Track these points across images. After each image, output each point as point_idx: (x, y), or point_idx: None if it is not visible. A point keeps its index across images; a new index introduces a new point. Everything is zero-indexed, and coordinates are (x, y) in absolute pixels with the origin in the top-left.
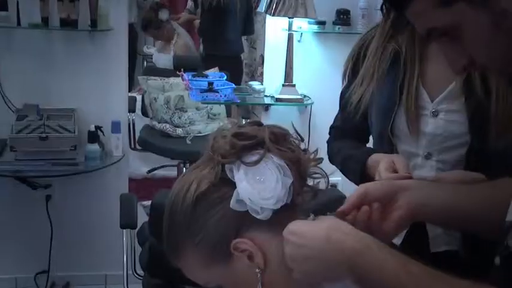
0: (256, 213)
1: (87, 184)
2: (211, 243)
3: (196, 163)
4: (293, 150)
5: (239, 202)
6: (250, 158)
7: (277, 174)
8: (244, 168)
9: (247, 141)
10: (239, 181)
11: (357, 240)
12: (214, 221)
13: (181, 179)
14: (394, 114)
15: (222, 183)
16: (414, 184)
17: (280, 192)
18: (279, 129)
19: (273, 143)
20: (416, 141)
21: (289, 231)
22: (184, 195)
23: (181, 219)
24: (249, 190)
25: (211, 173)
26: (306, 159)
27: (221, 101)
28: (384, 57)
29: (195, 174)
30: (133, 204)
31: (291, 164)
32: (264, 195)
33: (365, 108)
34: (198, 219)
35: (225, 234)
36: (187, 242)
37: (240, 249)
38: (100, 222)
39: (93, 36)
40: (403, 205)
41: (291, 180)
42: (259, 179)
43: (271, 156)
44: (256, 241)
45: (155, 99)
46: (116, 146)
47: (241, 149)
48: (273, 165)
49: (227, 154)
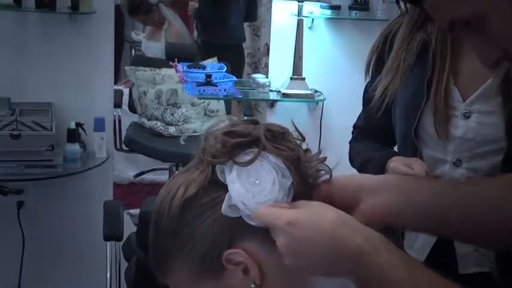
0: (251, 219)
1: (66, 189)
2: (200, 255)
3: (185, 167)
4: (292, 148)
5: (231, 207)
6: (243, 157)
7: (274, 175)
8: (236, 168)
9: (240, 138)
10: (231, 183)
11: (365, 239)
12: (204, 230)
13: (168, 184)
14: (420, 114)
15: (212, 186)
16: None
17: (278, 195)
18: (276, 127)
19: (269, 141)
20: (445, 146)
21: (287, 221)
22: (170, 202)
23: (167, 228)
24: (243, 193)
25: (201, 176)
26: (307, 159)
27: (220, 96)
28: (411, 48)
29: (183, 178)
30: (118, 212)
31: (289, 163)
32: (260, 198)
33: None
34: (185, 228)
35: (216, 245)
36: (174, 254)
37: (233, 261)
38: (80, 234)
39: (73, 20)
40: (365, 209)
41: (289, 181)
42: (254, 180)
43: (267, 155)
44: (251, 252)
45: (144, 93)
46: (99, 146)
47: (233, 148)
48: (269, 165)
49: (218, 154)
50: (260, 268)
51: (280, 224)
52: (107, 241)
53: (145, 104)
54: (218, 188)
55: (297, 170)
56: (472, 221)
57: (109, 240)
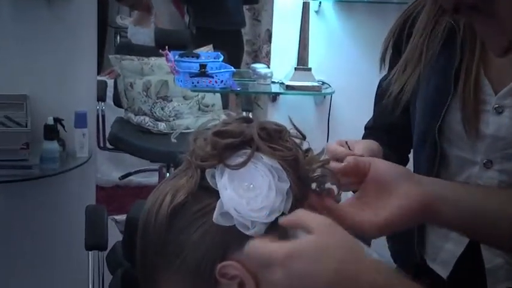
0: (245, 228)
1: (43, 193)
2: (191, 269)
3: (174, 172)
4: (289, 148)
5: (224, 215)
6: (235, 159)
7: (269, 178)
8: (228, 172)
9: (231, 139)
10: (223, 189)
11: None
12: (194, 241)
13: (155, 192)
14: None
15: (202, 192)
16: (426, 179)
17: (275, 200)
18: (271, 125)
19: (264, 141)
20: (474, 146)
21: (287, 253)
22: (157, 210)
23: (155, 239)
24: (235, 199)
25: (190, 182)
26: (307, 160)
27: (216, 89)
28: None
29: (171, 184)
30: (102, 218)
31: (286, 165)
32: (254, 205)
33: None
34: (174, 239)
35: (208, 257)
36: (163, 267)
37: (227, 275)
38: (58, 243)
39: (52, 3)
40: (406, 192)
41: (287, 185)
42: (248, 185)
43: (261, 156)
44: (247, 264)
45: (131, 85)
46: (80, 144)
47: (224, 149)
48: (263, 168)
49: (207, 156)
50: (256, 282)
51: (278, 256)
52: (89, 251)
53: (132, 97)
54: (209, 194)
55: (296, 172)
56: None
57: (91, 250)
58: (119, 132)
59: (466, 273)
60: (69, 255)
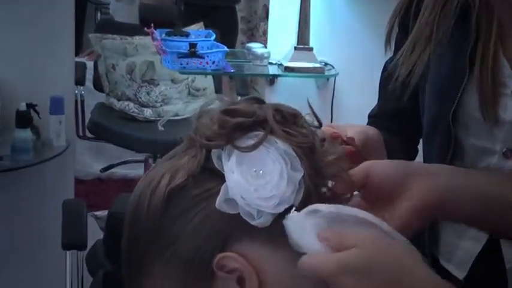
0: (251, 217)
1: (15, 186)
2: (186, 259)
3: (170, 152)
4: (306, 134)
5: (228, 201)
6: (245, 141)
7: (281, 165)
8: (237, 155)
9: (242, 118)
10: (229, 172)
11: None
12: (193, 228)
13: (148, 174)
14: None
15: (205, 175)
16: (433, 168)
17: (285, 190)
18: (287, 108)
19: (279, 124)
20: (492, 133)
21: (336, 266)
22: (152, 192)
23: (147, 226)
24: (243, 185)
25: (192, 162)
26: (324, 150)
27: (207, 71)
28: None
29: (169, 165)
30: (81, 214)
31: (301, 153)
32: (263, 193)
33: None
34: (169, 225)
35: (206, 247)
36: (155, 258)
37: (226, 268)
38: (33, 241)
39: None
40: (417, 194)
41: (300, 174)
42: (257, 170)
43: (275, 140)
44: (249, 258)
45: (113, 66)
46: (56, 132)
47: (234, 129)
48: (276, 153)
49: (214, 136)
50: (259, 278)
51: (327, 271)
52: (66, 250)
53: (114, 81)
54: (213, 177)
55: (310, 162)
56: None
57: (69, 250)
58: (100, 120)
59: (484, 274)
60: (45, 255)
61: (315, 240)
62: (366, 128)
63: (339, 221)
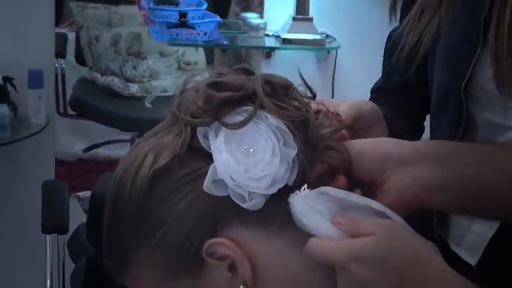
0: (241, 199)
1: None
2: (173, 246)
3: (154, 129)
4: (299, 107)
5: (217, 183)
6: (234, 117)
7: (273, 142)
8: (225, 132)
9: (229, 92)
10: (217, 152)
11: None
12: (179, 212)
13: (131, 152)
14: (474, 64)
15: (191, 155)
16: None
17: (278, 169)
18: (278, 78)
19: (269, 97)
20: (507, 107)
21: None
22: (134, 174)
23: (130, 210)
24: (232, 165)
25: (176, 141)
26: (319, 123)
27: (199, 43)
28: None
29: (152, 143)
30: (63, 196)
31: (294, 128)
32: (254, 173)
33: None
34: (154, 210)
35: (194, 232)
36: (139, 244)
37: (216, 254)
38: (10, 225)
39: None
40: (393, 189)
41: (294, 151)
42: (247, 148)
43: (266, 115)
44: (241, 243)
45: (97, 38)
46: (35, 108)
47: (221, 104)
48: (267, 129)
49: (199, 112)
50: (253, 264)
51: (338, 257)
52: (46, 234)
53: (97, 54)
54: (199, 157)
55: (304, 137)
56: None
57: (49, 233)
58: (82, 95)
59: (498, 260)
60: (23, 239)
61: (327, 224)
62: (360, 102)
63: (347, 207)
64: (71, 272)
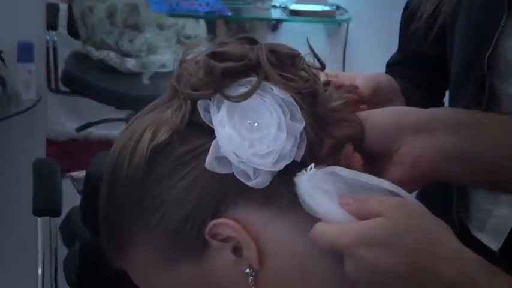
0: (246, 177)
1: None
2: (174, 227)
3: (152, 103)
4: (306, 78)
5: (220, 160)
6: (236, 89)
7: (279, 115)
8: (227, 106)
9: (231, 62)
10: (219, 126)
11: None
12: (180, 191)
13: (128, 128)
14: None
15: (192, 130)
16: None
17: (285, 144)
18: (283, 48)
19: (274, 67)
20: None
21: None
22: (132, 151)
23: (127, 188)
24: (235, 140)
25: (176, 115)
26: (328, 95)
27: (200, 14)
28: None
29: (150, 118)
30: (55, 176)
31: (301, 100)
32: (259, 148)
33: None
34: (153, 188)
35: (196, 213)
36: (138, 225)
37: (220, 236)
38: None
39: None
40: (408, 158)
41: (302, 125)
42: (252, 123)
43: (271, 87)
44: (246, 224)
45: (91, 9)
46: (25, 83)
47: (223, 75)
48: (273, 102)
49: (200, 84)
50: (258, 246)
51: (345, 243)
52: (37, 216)
53: (91, 26)
54: (201, 132)
55: (312, 110)
56: None
57: (40, 216)
58: (75, 70)
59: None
60: (12, 222)
61: (334, 206)
62: (377, 75)
63: (358, 188)
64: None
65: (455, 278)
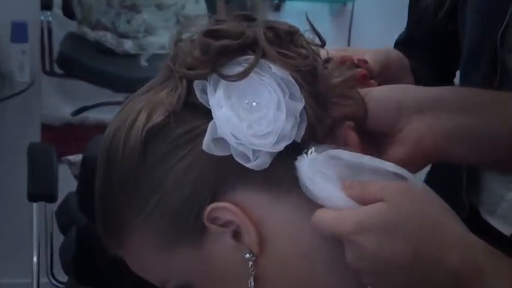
0: (245, 159)
1: None
2: (171, 212)
3: (147, 84)
4: (305, 56)
5: (217, 142)
6: (233, 68)
7: (278, 94)
8: (224, 85)
9: (228, 40)
10: (217, 107)
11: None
12: (177, 175)
13: (123, 110)
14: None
15: (188, 111)
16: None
17: (285, 124)
18: (282, 25)
19: (272, 45)
20: None
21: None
22: (127, 134)
23: (123, 173)
24: (233, 121)
25: (171, 96)
26: (328, 73)
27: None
28: None
29: (146, 99)
30: (50, 161)
31: (301, 78)
32: (258, 129)
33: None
34: (149, 172)
35: (194, 196)
36: (133, 211)
37: (219, 220)
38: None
39: None
40: (411, 138)
41: (301, 105)
42: (250, 102)
43: (269, 65)
44: (246, 208)
45: None
46: (19, 65)
47: (219, 54)
48: (271, 81)
49: (196, 63)
50: (259, 231)
51: (345, 230)
52: (32, 202)
53: (87, 6)
54: (198, 114)
55: (313, 89)
56: None
57: (36, 201)
58: (71, 52)
59: None
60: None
61: (336, 192)
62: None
63: (360, 171)
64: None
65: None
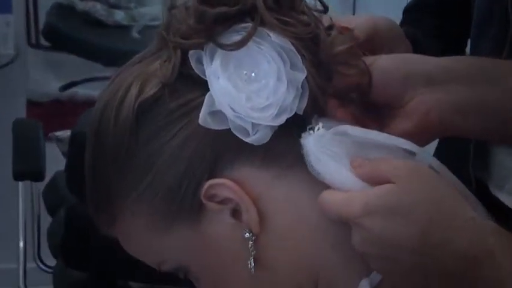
0: (244, 133)
1: None
2: (167, 189)
3: (139, 54)
4: (307, 22)
5: (214, 115)
6: (231, 37)
7: (278, 64)
8: (221, 55)
9: (224, 7)
10: (213, 78)
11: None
12: (172, 150)
13: (113, 82)
14: None
15: (183, 83)
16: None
17: (286, 96)
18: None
19: (271, 11)
20: None
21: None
22: (117, 108)
23: (114, 149)
24: (231, 93)
25: (165, 67)
26: (331, 40)
27: None
28: None
29: (138, 70)
30: (37, 137)
31: (302, 47)
32: (258, 101)
33: None
34: (142, 148)
35: (190, 173)
36: (126, 189)
37: (217, 198)
38: None
39: None
40: (418, 111)
41: (303, 74)
42: (248, 73)
43: (268, 33)
44: (245, 184)
45: None
46: (3, 36)
47: (215, 21)
48: (270, 50)
49: (191, 32)
50: (259, 209)
51: (352, 213)
52: (18, 181)
53: None
54: (193, 85)
55: (315, 58)
56: None
57: (22, 180)
58: (58, 23)
59: None
60: None
61: (342, 171)
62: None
63: (369, 148)
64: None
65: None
